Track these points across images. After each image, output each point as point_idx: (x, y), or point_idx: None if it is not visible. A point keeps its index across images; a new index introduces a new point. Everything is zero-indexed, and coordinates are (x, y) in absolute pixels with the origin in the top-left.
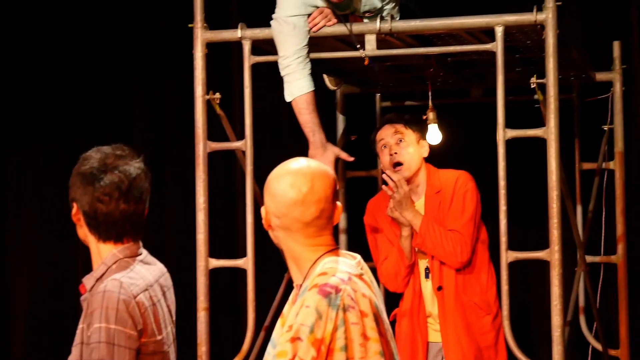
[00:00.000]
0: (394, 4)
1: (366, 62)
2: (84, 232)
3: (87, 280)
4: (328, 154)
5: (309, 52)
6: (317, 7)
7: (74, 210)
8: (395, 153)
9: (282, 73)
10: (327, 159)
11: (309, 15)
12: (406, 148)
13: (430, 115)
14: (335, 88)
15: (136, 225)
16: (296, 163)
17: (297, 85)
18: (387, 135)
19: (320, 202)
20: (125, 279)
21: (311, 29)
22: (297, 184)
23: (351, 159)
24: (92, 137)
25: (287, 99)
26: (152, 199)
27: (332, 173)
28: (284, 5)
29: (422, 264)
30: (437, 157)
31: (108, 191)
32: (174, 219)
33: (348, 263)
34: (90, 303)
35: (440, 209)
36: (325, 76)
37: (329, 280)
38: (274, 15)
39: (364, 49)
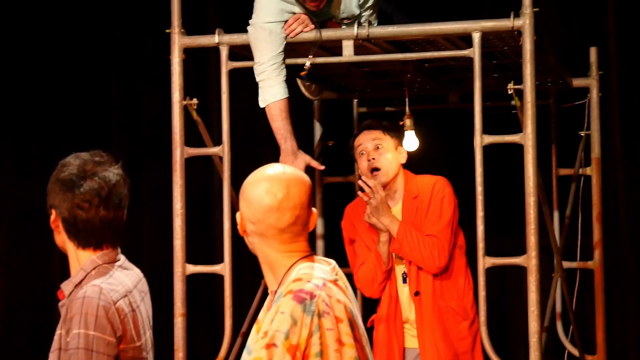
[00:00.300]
0: (371, 11)
1: (303, 73)
2: (62, 238)
3: (66, 286)
4: (299, 162)
5: (284, 59)
6: (294, 14)
7: (52, 217)
8: (373, 159)
9: (257, 79)
10: (298, 166)
11: (286, 21)
12: (384, 154)
13: (407, 121)
14: (314, 99)
15: (115, 231)
16: (272, 169)
17: (271, 92)
18: (365, 141)
19: (295, 209)
20: (105, 285)
21: (288, 35)
22: (272, 190)
23: (322, 167)
24: (70, 143)
25: (261, 104)
26: (130, 204)
27: (307, 179)
28: (260, 11)
29: (400, 269)
30: (415, 163)
31: (88, 198)
32: (151, 225)
33: (323, 269)
34: (70, 309)
35: (418, 214)
36: (302, 87)
37: (303, 286)
38: (250, 21)
39: (311, 60)
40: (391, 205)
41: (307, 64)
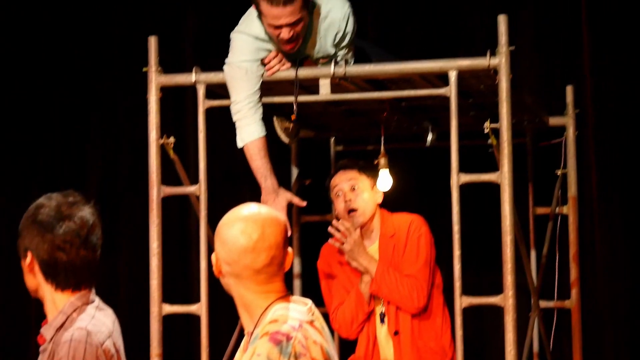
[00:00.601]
0: (347, 50)
1: (293, 117)
2: (36, 281)
3: (46, 331)
4: (280, 200)
5: (260, 97)
6: (269, 52)
7: (28, 260)
8: (350, 200)
9: (234, 118)
10: (280, 204)
11: (262, 60)
12: (360, 194)
13: (382, 160)
14: (288, 142)
15: (93, 271)
16: (247, 209)
17: (248, 131)
18: (341, 181)
19: (271, 249)
20: (91, 327)
21: (264, 73)
22: (247, 231)
23: (303, 204)
24: (46, 183)
25: (239, 144)
26: (106, 244)
27: (283, 219)
28: (236, 50)
29: (378, 309)
30: (392, 202)
31: (69, 239)
32: (128, 264)
33: (299, 309)
34: (56, 352)
35: (395, 252)
36: (278, 129)
37: (280, 327)
38: (227, 60)
39: (295, 114)
40: (368, 245)
41: (295, 108)
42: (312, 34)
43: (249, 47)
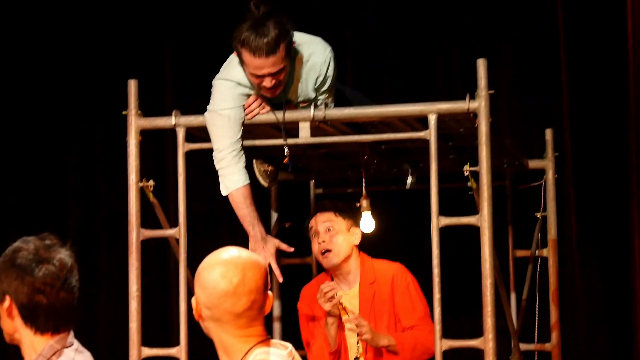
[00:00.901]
0: (327, 94)
1: (285, 160)
2: (13, 325)
3: None
4: (269, 247)
5: (242, 145)
6: (248, 95)
7: (6, 304)
8: (324, 241)
9: (217, 167)
10: (269, 251)
11: (242, 107)
12: (335, 236)
13: (364, 202)
14: (267, 186)
15: (72, 314)
16: (227, 253)
17: (232, 179)
18: (317, 223)
19: (251, 293)
20: None
21: (245, 120)
22: (228, 275)
23: (291, 249)
24: (24, 224)
25: (223, 192)
26: (86, 286)
27: (263, 263)
28: (218, 97)
29: (352, 353)
30: (371, 244)
31: (49, 281)
32: (107, 307)
33: (279, 354)
34: None
35: (375, 300)
36: (257, 173)
37: None
38: (208, 107)
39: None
40: (345, 289)
41: (287, 151)
42: (293, 79)
43: (231, 93)
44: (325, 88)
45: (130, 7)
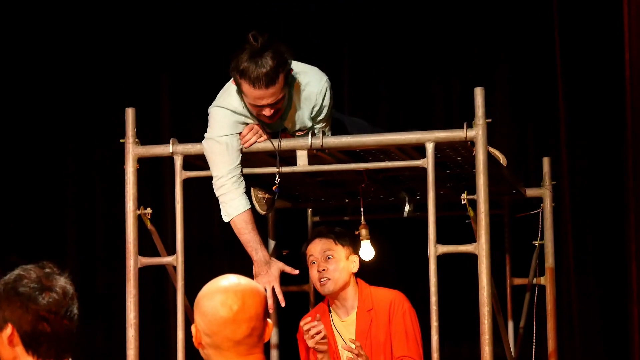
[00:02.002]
0: (324, 123)
1: (274, 187)
2: (14, 353)
3: None
4: (273, 271)
5: (242, 171)
6: (246, 124)
7: (8, 332)
8: (324, 270)
9: (217, 193)
10: (272, 275)
11: (238, 134)
12: (335, 264)
13: (363, 231)
14: (264, 213)
15: (72, 341)
16: (226, 280)
17: (233, 205)
18: (316, 250)
19: (251, 320)
20: None
21: (242, 145)
22: (228, 302)
23: (296, 272)
24: (22, 252)
25: (225, 219)
26: (83, 313)
27: (262, 290)
28: (215, 125)
29: None
30: (369, 272)
31: (54, 309)
32: (104, 335)
33: None
34: None
35: (372, 327)
36: (254, 200)
37: None
38: (206, 135)
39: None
40: (343, 316)
41: (277, 178)
42: (290, 107)
43: (227, 121)
44: (321, 117)
45: (128, 36)
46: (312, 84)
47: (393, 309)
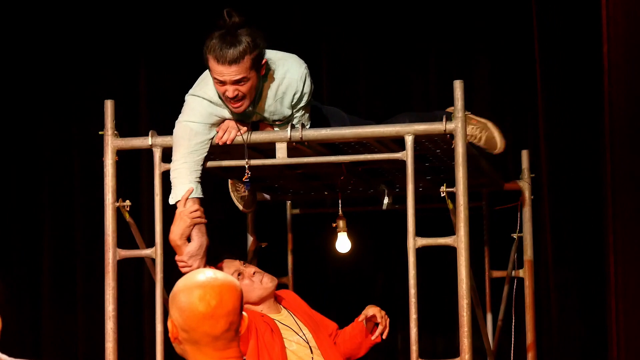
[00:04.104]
0: (303, 112)
1: (245, 178)
2: None
3: None
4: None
5: (202, 161)
6: (222, 118)
7: None
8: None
9: (171, 177)
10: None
11: (213, 124)
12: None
13: (340, 223)
14: (247, 211)
15: None
16: (202, 275)
17: (180, 189)
18: (233, 267)
19: (229, 315)
20: None
21: (218, 143)
22: (206, 298)
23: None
24: None
25: (171, 201)
26: (62, 306)
27: (238, 284)
28: (189, 110)
29: None
30: (348, 265)
31: None
32: (83, 327)
33: None
34: None
35: (305, 314)
36: (235, 200)
37: None
38: (178, 119)
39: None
40: (276, 316)
41: (247, 170)
42: (268, 97)
43: (202, 110)
44: (301, 104)
45: (105, 27)
46: (292, 71)
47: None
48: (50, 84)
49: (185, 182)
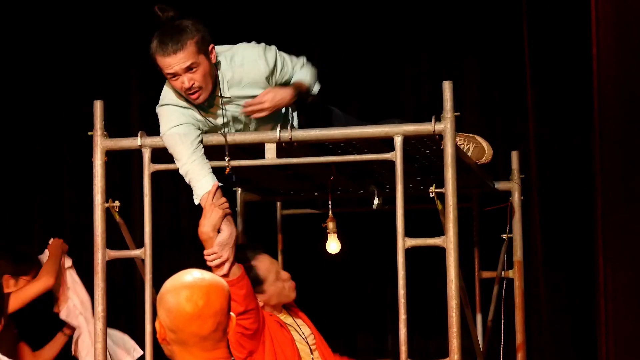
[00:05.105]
0: (294, 67)
1: (227, 171)
2: None
3: None
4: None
5: (203, 153)
6: (194, 118)
7: None
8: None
9: (186, 180)
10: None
11: (192, 124)
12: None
13: (330, 224)
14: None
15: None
16: (190, 275)
17: (200, 185)
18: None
19: (217, 315)
20: None
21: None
22: (193, 298)
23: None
24: None
25: (196, 201)
26: (51, 306)
27: (225, 284)
28: (164, 120)
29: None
30: (337, 266)
31: None
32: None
33: None
34: None
35: (303, 317)
36: None
37: None
38: (160, 133)
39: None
40: (282, 311)
41: (228, 165)
42: (231, 86)
43: (174, 114)
44: (286, 70)
45: (95, 28)
46: (248, 55)
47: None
48: (40, 84)
49: (203, 175)
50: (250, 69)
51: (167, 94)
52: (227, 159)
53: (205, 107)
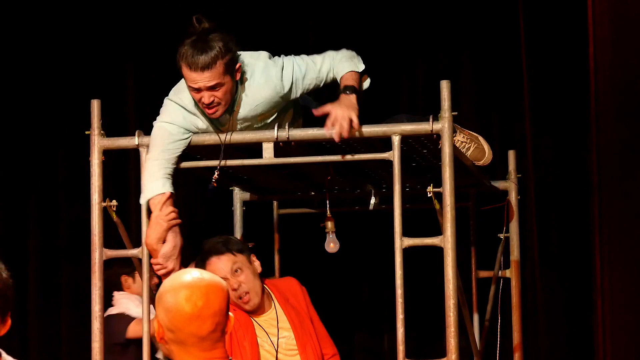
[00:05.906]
0: (310, 65)
1: (215, 177)
2: None
3: None
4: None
5: (175, 159)
6: (195, 126)
7: None
8: (239, 284)
9: (142, 175)
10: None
11: (187, 129)
12: (245, 274)
13: (329, 224)
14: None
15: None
16: (189, 275)
17: (149, 187)
18: (220, 270)
19: (215, 316)
20: None
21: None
22: (192, 298)
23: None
24: None
25: (141, 201)
26: (47, 306)
27: (224, 284)
28: (166, 112)
29: None
30: (335, 265)
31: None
32: (69, 327)
33: None
34: None
35: (298, 315)
36: None
37: None
38: (156, 119)
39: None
40: (266, 308)
41: (215, 175)
42: (245, 103)
43: (175, 113)
44: (311, 78)
45: (92, 27)
46: (268, 74)
47: (306, 296)
48: (37, 83)
49: (156, 179)
50: (266, 91)
51: (180, 93)
52: (218, 162)
53: (216, 120)
